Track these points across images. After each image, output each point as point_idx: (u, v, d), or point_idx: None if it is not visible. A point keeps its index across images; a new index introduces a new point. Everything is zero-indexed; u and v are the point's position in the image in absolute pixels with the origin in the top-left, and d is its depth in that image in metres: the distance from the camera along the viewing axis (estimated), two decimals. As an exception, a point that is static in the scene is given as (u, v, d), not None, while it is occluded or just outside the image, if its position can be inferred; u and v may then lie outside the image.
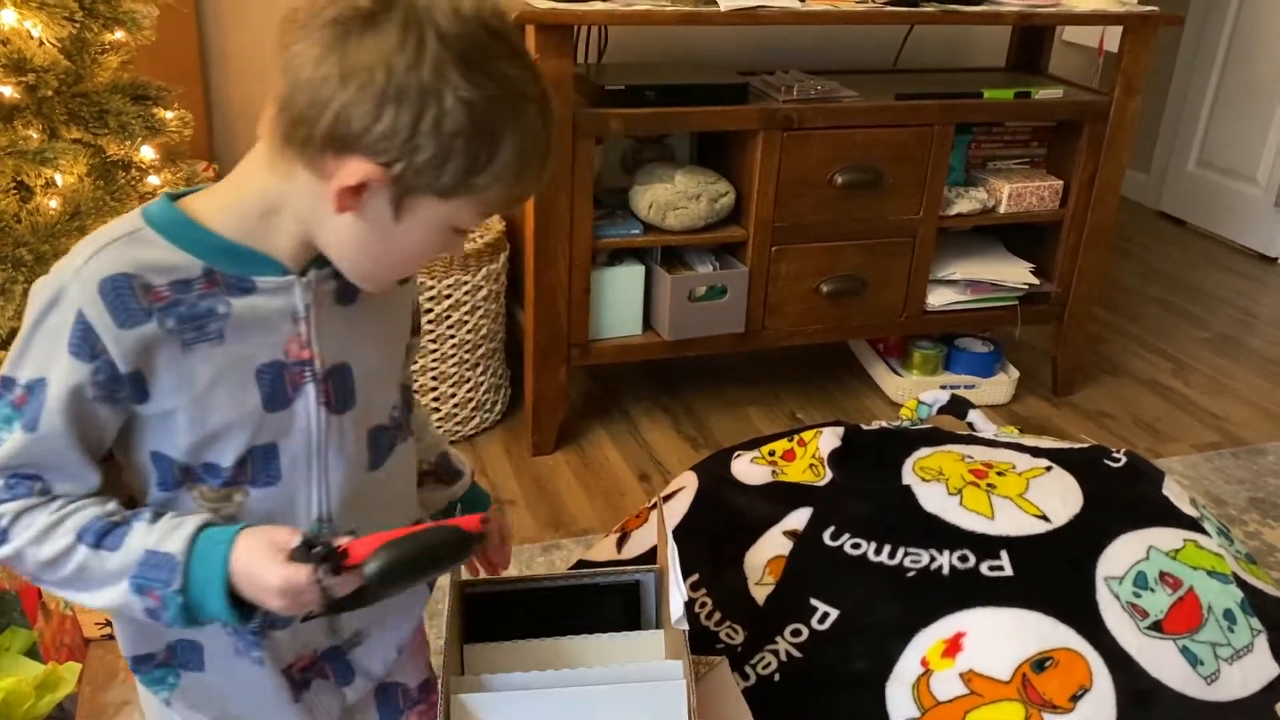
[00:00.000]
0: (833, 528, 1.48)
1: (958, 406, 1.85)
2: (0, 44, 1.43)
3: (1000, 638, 1.32)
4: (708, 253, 2.21)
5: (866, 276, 2.27)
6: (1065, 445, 1.68)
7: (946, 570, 1.39)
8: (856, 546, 1.45)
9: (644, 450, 2.27)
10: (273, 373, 0.82)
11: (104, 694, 1.51)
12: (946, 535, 1.43)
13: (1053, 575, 1.39)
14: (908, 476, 1.54)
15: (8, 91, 1.46)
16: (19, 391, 0.77)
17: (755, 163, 2.09)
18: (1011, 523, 1.44)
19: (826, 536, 1.47)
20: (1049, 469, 1.55)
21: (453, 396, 2.18)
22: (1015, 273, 2.41)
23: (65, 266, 0.77)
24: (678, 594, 1.05)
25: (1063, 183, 2.37)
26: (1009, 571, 1.38)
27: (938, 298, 2.36)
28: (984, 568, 1.39)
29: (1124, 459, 1.59)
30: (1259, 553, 1.96)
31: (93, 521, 0.78)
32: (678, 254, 2.20)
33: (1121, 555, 1.40)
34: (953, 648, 1.32)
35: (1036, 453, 1.61)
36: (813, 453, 1.64)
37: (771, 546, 1.50)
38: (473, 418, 2.24)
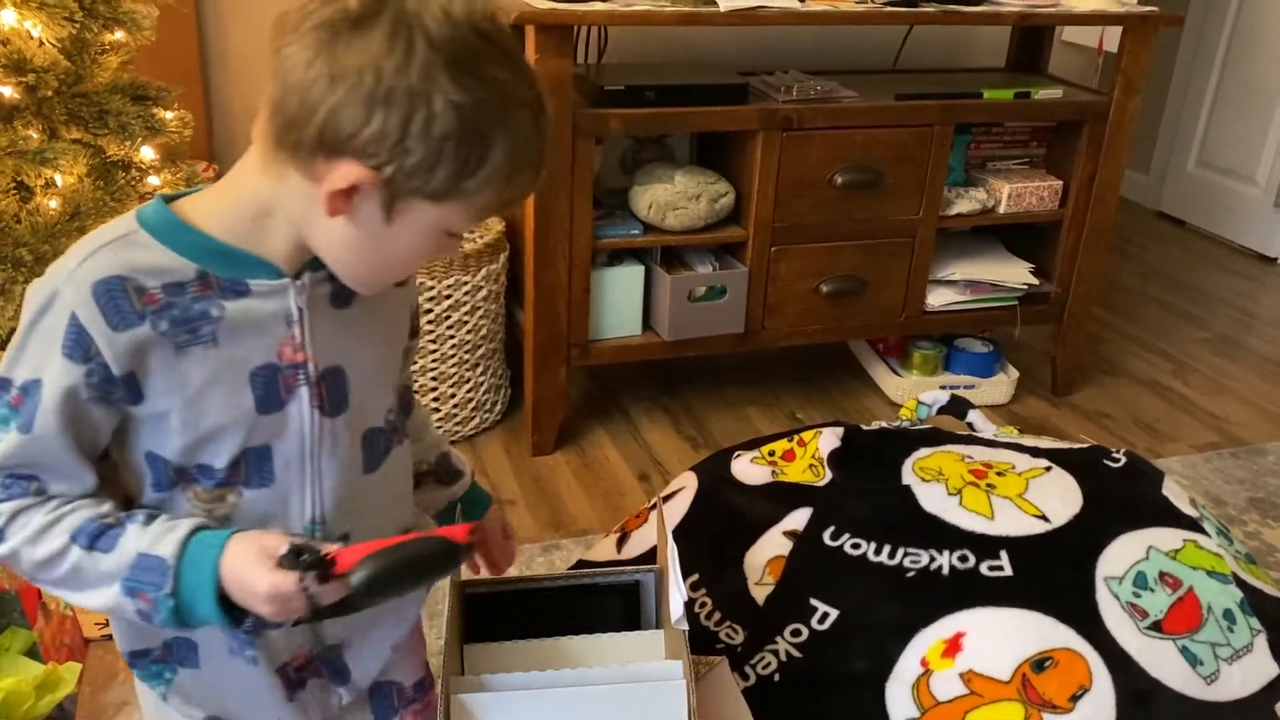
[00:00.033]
0: (832, 528, 1.48)
1: (957, 407, 1.85)
2: (0, 44, 1.43)
3: (1000, 638, 1.32)
4: (707, 253, 2.21)
5: (866, 277, 2.27)
6: (1065, 445, 1.68)
7: (946, 570, 1.39)
8: (856, 546, 1.45)
9: (644, 450, 2.27)
10: (266, 375, 0.82)
11: (104, 694, 1.51)
12: (946, 535, 1.43)
13: (1052, 575, 1.39)
14: (907, 477, 1.54)
15: (8, 92, 1.46)
16: (15, 392, 0.77)
17: (755, 163, 2.09)
18: (1011, 523, 1.44)
19: (826, 537, 1.47)
20: (1048, 469, 1.55)
21: (453, 397, 2.18)
22: (1015, 273, 2.41)
23: (59, 269, 0.77)
24: (678, 594, 1.05)
25: (1062, 183, 2.37)
26: (1009, 571, 1.38)
27: (937, 298, 2.36)
28: (984, 568, 1.39)
29: (1123, 459, 1.59)
30: (1259, 553, 1.96)
31: (87, 523, 0.78)
32: (677, 254, 2.20)
33: (1121, 555, 1.40)
34: (952, 648, 1.32)
35: (1036, 453, 1.61)
36: (812, 453, 1.64)
37: (771, 546, 1.50)
38: (473, 418, 2.24)
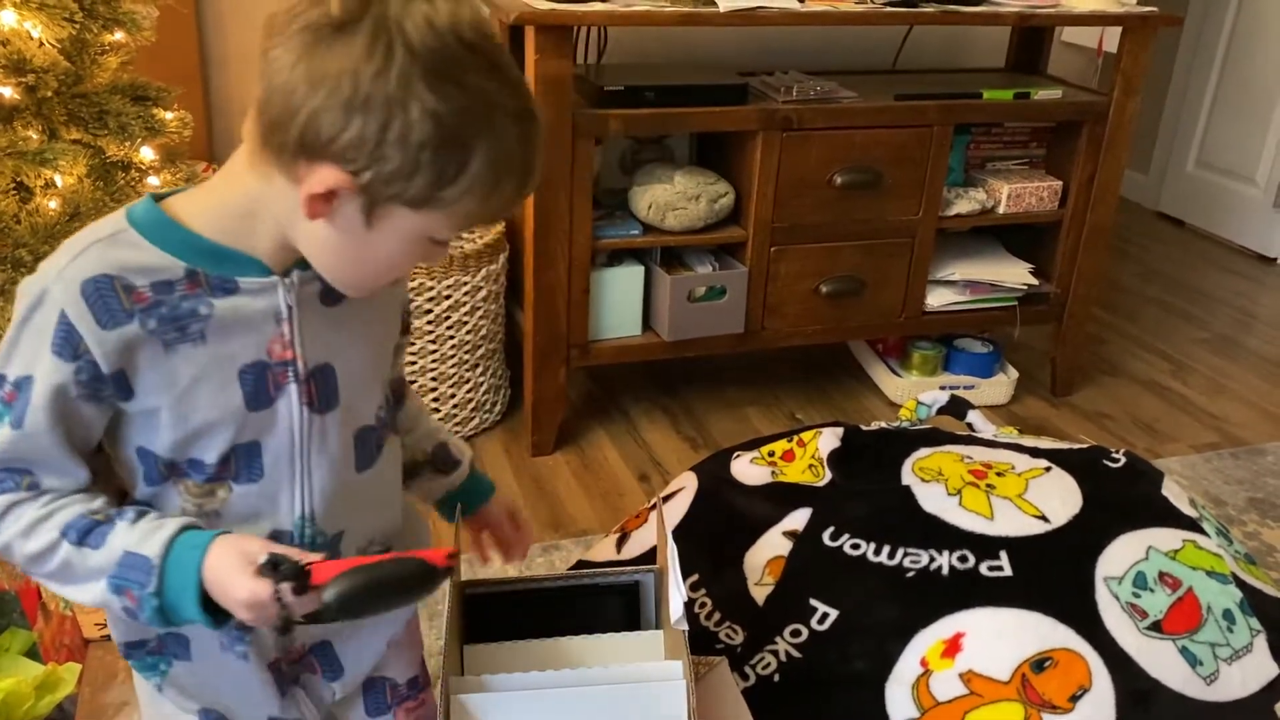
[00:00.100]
0: (832, 528, 1.48)
1: (957, 407, 1.85)
2: (0, 44, 1.43)
3: (999, 638, 1.32)
4: (707, 253, 2.21)
5: (866, 277, 2.27)
6: (1064, 446, 1.68)
7: (946, 570, 1.39)
8: (856, 547, 1.45)
9: (643, 451, 2.27)
10: (255, 373, 0.82)
11: (104, 694, 1.51)
12: (946, 535, 1.43)
13: (1052, 575, 1.39)
14: (907, 477, 1.54)
15: (7, 92, 1.45)
16: (8, 388, 0.78)
17: (754, 163, 2.09)
18: (1011, 523, 1.44)
19: (826, 537, 1.47)
20: (1048, 469, 1.55)
21: (452, 397, 2.18)
22: (1014, 273, 2.41)
23: (49, 266, 0.78)
24: (677, 594, 1.05)
25: (1062, 183, 2.37)
26: (1008, 572, 1.38)
27: (937, 298, 2.36)
28: (983, 568, 1.39)
29: (1123, 459, 1.59)
30: (1258, 553, 1.96)
31: (77, 519, 0.79)
32: (677, 254, 2.20)
33: (1121, 555, 1.40)
34: (952, 648, 1.32)
35: (1036, 453, 1.61)
36: (812, 453, 1.64)
37: (771, 547, 1.50)
38: (472, 418, 2.24)
